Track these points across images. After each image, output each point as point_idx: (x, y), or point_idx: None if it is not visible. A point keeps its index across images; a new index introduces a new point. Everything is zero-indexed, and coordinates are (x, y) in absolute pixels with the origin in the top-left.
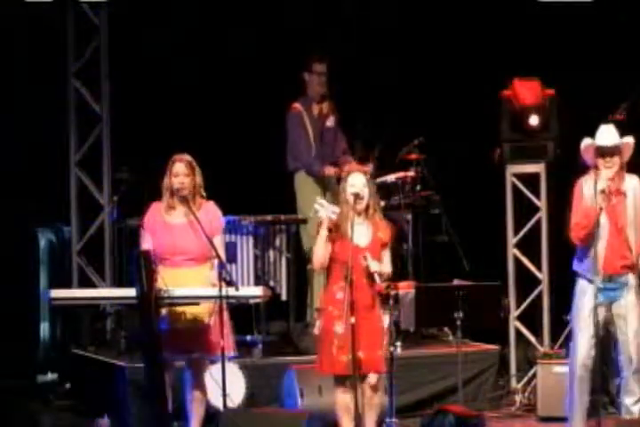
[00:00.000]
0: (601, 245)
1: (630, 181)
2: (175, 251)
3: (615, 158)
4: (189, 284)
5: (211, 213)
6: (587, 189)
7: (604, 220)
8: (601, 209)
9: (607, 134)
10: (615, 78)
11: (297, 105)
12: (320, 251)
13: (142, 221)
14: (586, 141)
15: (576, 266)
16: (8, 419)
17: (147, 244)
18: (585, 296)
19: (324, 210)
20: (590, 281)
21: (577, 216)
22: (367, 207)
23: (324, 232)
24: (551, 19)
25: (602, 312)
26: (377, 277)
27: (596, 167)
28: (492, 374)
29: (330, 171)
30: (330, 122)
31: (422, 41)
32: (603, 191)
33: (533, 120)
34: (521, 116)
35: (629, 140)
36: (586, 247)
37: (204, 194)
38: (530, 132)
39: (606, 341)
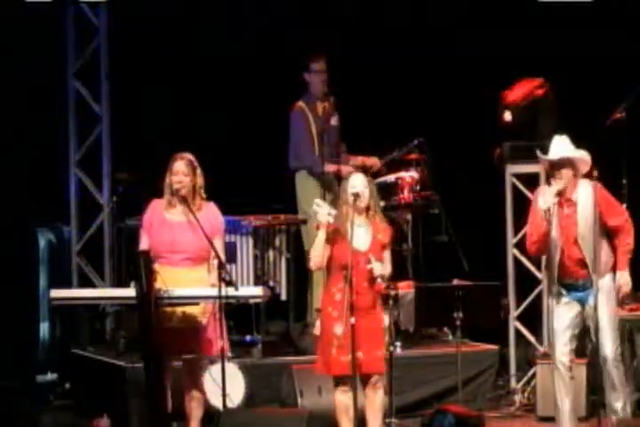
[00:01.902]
0: (556, 257)
1: (584, 188)
2: (173, 249)
3: (565, 170)
4: (185, 284)
5: (211, 214)
6: (540, 202)
7: (556, 232)
8: (549, 224)
9: (556, 147)
10: (615, 78)
11: (300, 103)
12: (318, 252)
13: (142, 219)
14: (538, 154)
15: (543, 272)
16: (8, 419)
17: (144, 244)
18: (554, 298)
19: (321, 212)
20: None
21: (529, 228)
22: (367, 208)
23: (322, 235)
24: (551, 19)
25: (575, 309)
26: (380, 280)
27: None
28: (492, 374)
29: (332, 168)
30: (334, 120)
31: (422, 41)
32: (548, 209)
33: (507, 116)
34: (500, 113)
35: (583, 153)
36: (546, 256)
37: (204, 195)
38: (509, 128)
39: None
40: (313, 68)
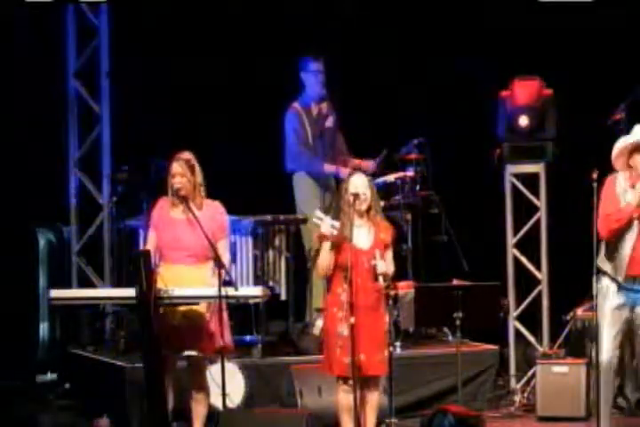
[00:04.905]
0: (628, 246)
1: None
2: (176, 246)
3: None
4: (189, 282)
5: (216, 213)
6: (620, 188)
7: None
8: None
9: None
10: (615, 78)
11: (296, 105)
12: (325, 262)
13: (149, 217)
14: (623, 141)
15: (601, 264)
16: (8, 419)
17: (150, 243)
18: (608, 295)
19: (324, 224)
20: (614, 280)
21: (608, 208)
22: (369, 209)
23: (327, 246)
24: (551, 19)
25: (625, 313)
26: (381, 279)
27: (629, 167)
28: (492, 374)
29: (330, 169)
30: (329, 122)
31: (422, 40)
32: None
33: (522, 121)
34: (514, 117)
35: None
36: (612, 246)
37: (203, 193)
38: (524, 133)
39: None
40: (311, 67)
